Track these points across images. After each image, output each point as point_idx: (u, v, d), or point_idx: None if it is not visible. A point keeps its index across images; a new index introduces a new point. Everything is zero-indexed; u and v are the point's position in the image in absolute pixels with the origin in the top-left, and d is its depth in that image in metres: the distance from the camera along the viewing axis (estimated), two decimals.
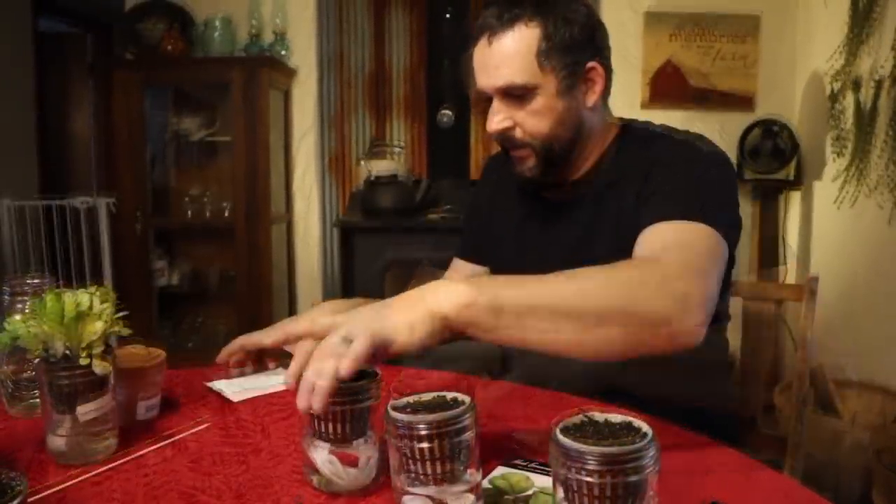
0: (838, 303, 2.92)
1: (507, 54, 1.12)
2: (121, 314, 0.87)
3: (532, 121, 1.15)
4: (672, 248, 0.97)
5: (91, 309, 0.84)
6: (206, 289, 3.64)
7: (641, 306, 0.85)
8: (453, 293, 0.81)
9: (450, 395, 0.71)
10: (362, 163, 3.03)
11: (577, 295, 0.85)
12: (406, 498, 0.69)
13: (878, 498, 2.15)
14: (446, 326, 0.81)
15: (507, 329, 0.83)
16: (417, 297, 0.82)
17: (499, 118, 1.16)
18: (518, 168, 1.21)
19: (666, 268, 0.92)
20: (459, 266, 1.43)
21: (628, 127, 1.25)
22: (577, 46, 1.13)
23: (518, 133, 1.16)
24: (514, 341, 0.85)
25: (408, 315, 0.80)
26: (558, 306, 0.84)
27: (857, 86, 2.80)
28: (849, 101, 2.86)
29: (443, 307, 0.80)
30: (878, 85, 2.65)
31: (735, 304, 1.32)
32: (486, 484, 0.77)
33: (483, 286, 0.83)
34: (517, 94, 1.13)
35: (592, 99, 1.17)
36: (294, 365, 0.81)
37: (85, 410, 0.83)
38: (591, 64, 1.15)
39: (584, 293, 0.85)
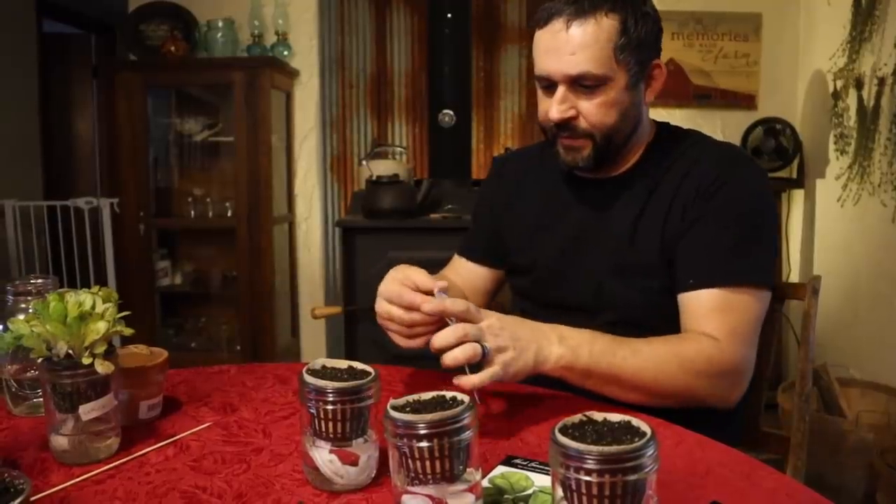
0: (842, 301, 2.91)
1: (585, 42, 1.10)
2: (123, 314, 0.87)
3: (599, 112, 1.14)
4: (728, 328, 1.08)
5: (94, 309, 0.84)
6: (209, 289, 3.64)
7: (699, 393, 1.06)
8: (559, 357, 0.99)
9: (449, 394, 0.71)
10: (364, 164, 3.02)
11: (652, 376, 1.03)
12: (406, 497, 0.69)
13: (882, 498, 2.15)
14: (539, 373, 0.98)
15: (589, 387, 1.02)
16: (534, 346, 0.97)
17: (564, 106, 1.14)
18: (569, 157, 1.19)
19: (723, 362, 1.06)
20: (460, 266, 1.42)
21: (663, 126, 1.28)
22: (648, 43, 1.14)
23: (581, 123, 1.15)
24: (590, 391, 1.03)
25: (522, 362, 0.96)
26: (634, 383, 1.02)
27: (859, 84, 2.79)
28: (851, 99, 2.86)
29: (546, 366, 0.98)
30: (881, 83, 2.65)
31: None
32: (485, 483, 0.77)
33: (580, 353, 1.00)
34: (587, 84, 1.12)
35: (651, 96, 1.20)
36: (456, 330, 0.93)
37: (87, 410, 0.83)
38: (656, 62, 1.18)
39: (658, 375, 1.03)
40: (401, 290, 1.00)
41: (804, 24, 3.40)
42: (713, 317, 1.08)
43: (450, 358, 0.91)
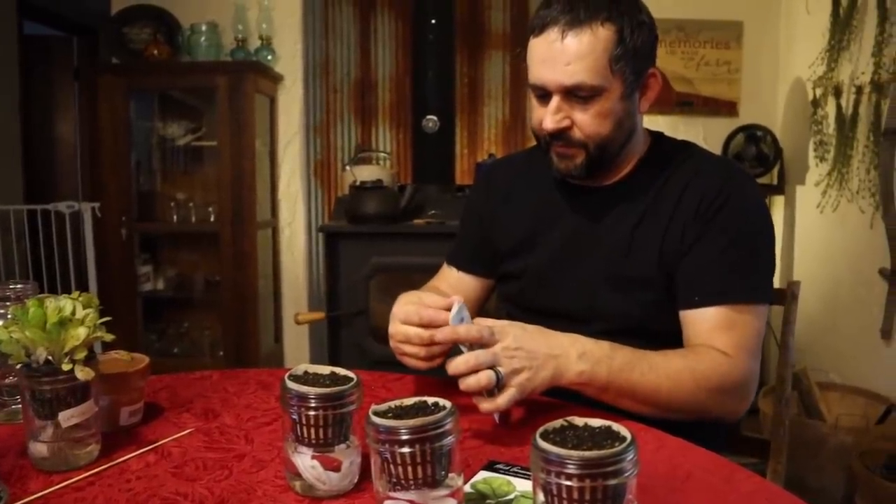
0: (822, 306, 2.95)
1: (581, 53, 1.08)
2: (104, 320, 0.87)
3: (593, 122, 1.13)
4: (735, 343, 1.10)
5: (74, 315, 0.84)
6: (192, 295, 3.62)
7: (712, 409, 1.08)
8: (578, 373, 0.99)
9: (431, 399, 0.71)
10: (347, 169, 3.02)
11: (668, 392, 1.04)
12: (388, 502, 0.69)
13: (861, 501, 2.17)
14: (556, 386, 1.00)
15: (603, 399, 1.03)
16: (552, 364, 0.98)
17: (558, 116, 1.13)
18: (562, 165, 1.19)
19: (735, 377, 1.08)
20: (449, 275, 1.41)
21: (658, 135, 1.27)
22: (644, 53, 1.13)
23: (576, 133, 1.14)
24: (602, 402, 1.04)
25: (538, 381, 0.97)
26: (649, 398, 1.03)
27: (838, 92, 2.83)
28: (830, 107, 2.90)
29: (563, 381, 0.99)
30: (859, 91, 2.69)
31: None
32: (467, 488, 0.77)
33: (600, 369, 1.00)
34: (582, 95, 1.11)
35: (646, 105, 1.19)
36: (478, 355, 0.95)
37: (67, 417, 0.83)
38: (651, 70, 1.17)
39: (674, 391, 1.04)
40: (418, 309, 1.01)
41: (784, 33, 3.45)
42: (720, 333, 1.10)
43: (464, 385, 0.95)
